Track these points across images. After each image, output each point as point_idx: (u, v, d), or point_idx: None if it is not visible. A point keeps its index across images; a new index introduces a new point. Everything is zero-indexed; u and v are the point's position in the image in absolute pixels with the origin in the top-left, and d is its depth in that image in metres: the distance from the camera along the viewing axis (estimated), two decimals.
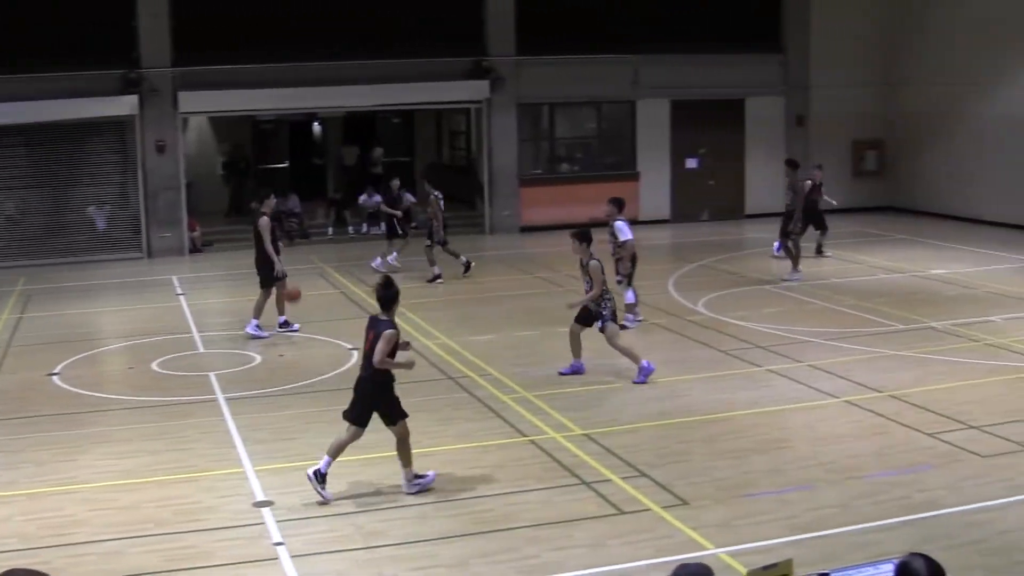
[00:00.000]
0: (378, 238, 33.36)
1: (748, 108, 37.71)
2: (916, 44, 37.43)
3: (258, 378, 18.55)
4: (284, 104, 33.96)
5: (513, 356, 19.72)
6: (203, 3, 32.18)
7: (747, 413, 16.19)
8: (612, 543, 11.66)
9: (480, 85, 34.44)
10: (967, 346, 19.83)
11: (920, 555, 6.47)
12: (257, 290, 22.04)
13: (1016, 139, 33.19)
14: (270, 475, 13.83)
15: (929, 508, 12.46)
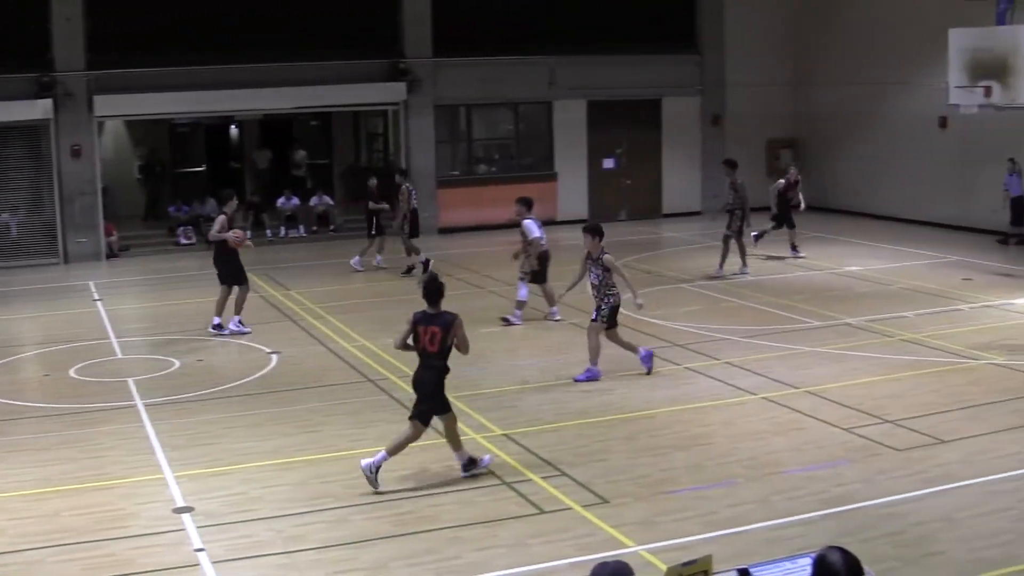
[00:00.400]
0: (296, 240, 33.27)
1: (664, 108, 37.92)
2: (828, 45, 37.86)
3: (177, 383, 18.40)
4: (200, 107, 33.71)
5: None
6: (118, 6, 31.85)
7: (667, 411, 16.28)
8: (533, 543, 11.68)
9: (397, 87, 34.38)
10: (882, 342, 20.06)
11: (837, 548, 6.54)
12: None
13: (926, 138, 33.66)
14: (190, 481, 13.72)
15: (846, 502, 12.59)
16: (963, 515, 12.14)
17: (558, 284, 21.25)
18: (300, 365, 19.39)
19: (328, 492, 13.23)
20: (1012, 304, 23.01)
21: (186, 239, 33.35)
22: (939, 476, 13.34)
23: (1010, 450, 14.21)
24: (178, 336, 21.80)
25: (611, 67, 36.58)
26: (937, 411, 15.93)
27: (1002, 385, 17.14)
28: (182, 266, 30.41)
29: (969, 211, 32.77)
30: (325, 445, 15.00)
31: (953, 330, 20.80)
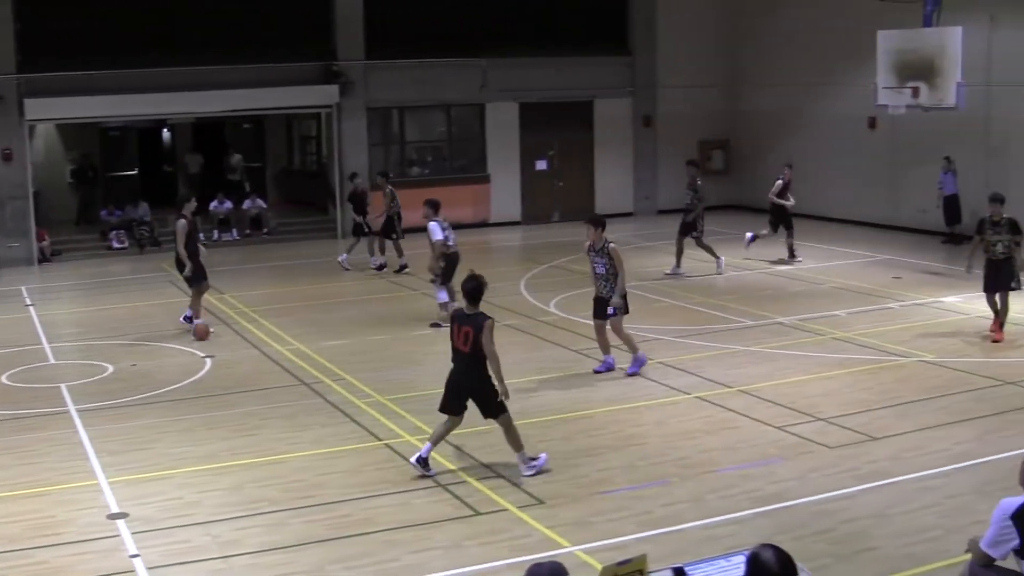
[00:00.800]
0: (229, 244, 33.13)
1: (596, 109, 38.05)
2: (760, 47, 38.16)
3: (111, 389, 18.27)
4: (132, 111, 33.47)
5: (365, 360, 19.68)
6: (49, 9, 31.59)
7: (601, 411, 16.35)
8: (469, 544, 11.71)
9: (330, 90, 34.29)
10: (814, 340, 20.25)
11: (770, 546, 6.61)
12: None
13: (856, 138, 34.01)
14: (124, 486, 13.63)
15: (780, 500, 12.72)
16: (894, 511, 12.28)
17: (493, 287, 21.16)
18: (234, 369, 19.32)
19: (264, 496, 13.19)
20: (941, 302, 23.29)
21: (119, 243, 33.11)
22: (870, 473, 13.50)
23: (939, 447, 14.40)
24: (112, 341, 21.65)
25: (543, 69, 36.67)
26: (868, 408, 16.12)
27: (931, 382, 17.36)
28: (115, 270, 30.21)
29: (898, 210, 33.15)
30: (261, 449, 14.95)
31: (884, 328, 21.03)
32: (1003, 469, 12.85)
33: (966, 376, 17.66)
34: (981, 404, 16.21)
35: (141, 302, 25.30)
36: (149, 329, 22.36)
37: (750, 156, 38.94)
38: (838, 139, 34.59)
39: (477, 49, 35.86)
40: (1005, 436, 14.74)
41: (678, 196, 37.16)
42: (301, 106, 35.81)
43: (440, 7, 35.71)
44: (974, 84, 27.99)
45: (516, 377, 17.94)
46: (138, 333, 22.14)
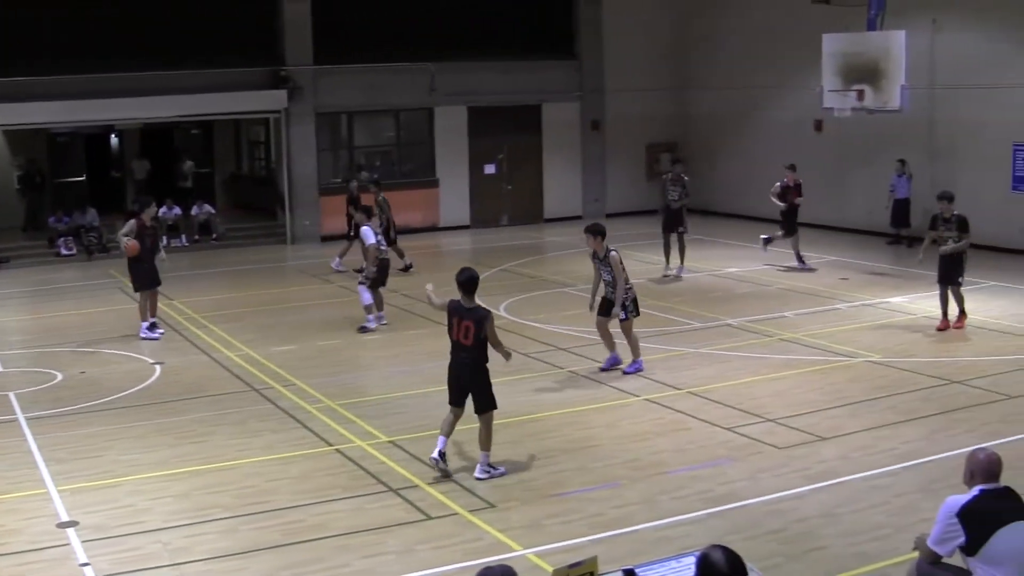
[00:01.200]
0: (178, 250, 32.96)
1: (544, 113, 38.13)
2: (707, 50, 38.37)
3: (59, 396, 18.15)
4: (79, 116, 33.24)
5: (315, 365, 19.65)
6: None
7: (551, 414, 16.40)
8: (421, 548, 11.72)
9: (278, 95, 34.20)
10: (762, 342, 20.39)
11: (719, 547, 6.68)
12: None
13: (803, 140, 34.24)
14: (74, 494, 13.56)
15: (730, 500, 12.80)
16: (843, 510, 12.40)
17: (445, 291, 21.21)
18: (184, 375, 19.24)
19: (215, 503, 13.16)
20: (888, 302, 23.50)
21: (67, 250, 32.89)
22: (820, 473, 13.61)
23: (887, 446, 14.54)
24: (60, 348, 21.52)
25: (491, 73, 36.75)
26: (817, 409, 16.25)
27: (879, 382, 17.52)
28: (63, 277, 30.00)
29: (845, 212, 33.40)
30: (211, 455, 14.91)
31: (831, 329, 21.20)
32: (949, 467, 12.99)
33: (913, 376, 17.83)
34: (928, 403, 16.38)
35: (90, 309, 25.14)
36: (98, 336, 22.23)
37: (698, 159, 39.08)
38: (785, 142, 34.80)
39: (425, 54, 35.86)
40: (951, 435, 14.90)
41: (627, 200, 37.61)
42: (249, 111, 35.68)
43: (388, 12, 35.68)
44: (918, 87, 28.29)
45: None
46: (87, 340, 22.01)
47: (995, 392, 16.86)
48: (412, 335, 21.71)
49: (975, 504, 8.64)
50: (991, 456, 8.90)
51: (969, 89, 29.59)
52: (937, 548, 8.73)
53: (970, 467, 8.91)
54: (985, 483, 8.79)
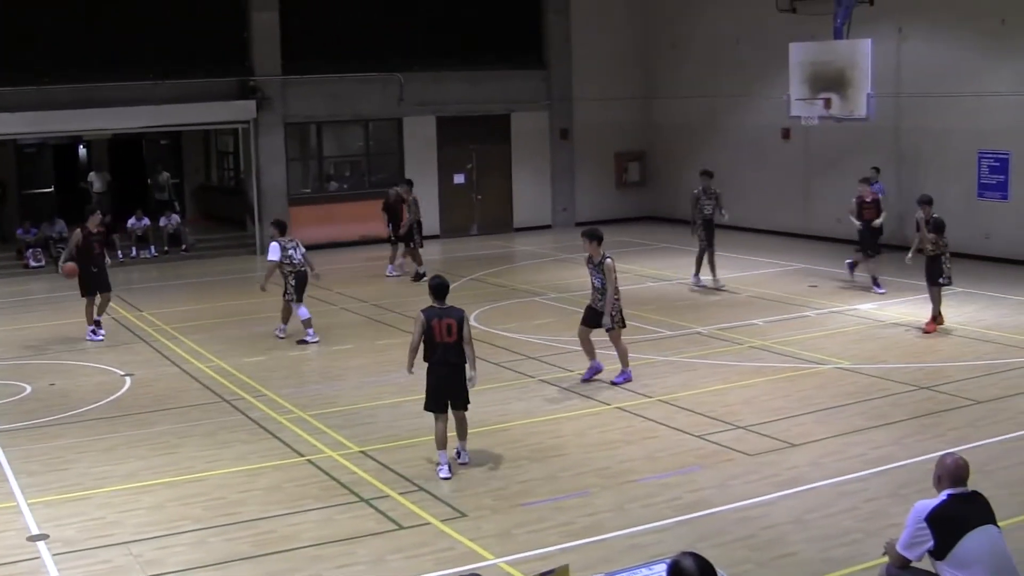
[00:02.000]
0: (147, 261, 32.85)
1: (513, 123, 38.20)
2: (674, 59, 38.51)
3: (29, 408, 18.06)
4: (46, 127, 33.07)
5: (286, 376, 19.63)
6: None
7: (521, 423, 16.42)
8: (393, 558, 11.72)
9: (247, 105, 34.16)
10: (732, 349, 20.46)
11: (690, 553, 6.72)
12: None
13: (770, 149, 34.42)
14: (44, 507, 13.50)
15: (700, 507, 12.84)
16: (813, 516, 12.46)
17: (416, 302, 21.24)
18: (154, 387, 19.18)
19: (186, 515, 13.13)
20: (856, 309, 23.61)
21: (35, 261, 32.75)
22: (789, 479, 13.68)
23: (856, 452, 14.61)
24: (29, 360, 21.43)
25: (460, 83, 36.82)
26: (787, 415, 16.32)
27: (848, 388, 17.61)
28: (32, 289, 29.90)
29: (812, 220, 33.54)
30: (182, 467, 14.87)
31: (800, 336, 21.29)
32: (919, 472, 13.08)
33: (881, 382, 17.92)
34: (897, 409, 16.46)
35: (59, 320, 25.02)
36: (67, 348, 22.16)
37: (666, 168, 39.27)
38: (752, 150, 34.97)
39: (394, 64, 35.92)
40: (920, 440, 14.99)
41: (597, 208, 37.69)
42: (218, 122, 35.66)
43: (356, 22, 35.70)
44: (884, 95, 28.47)
45: None
46: (56, 352, 21.94)
47: (963, 397, 16.95)
48: (382, 344, 21.71)
49: (943, 509, 8.71)
50: (958, 461, 8.97)
51: (935, 97, 29.76)
52: (906, 552, 8.79)
53: (938, 472, 8.99)
54: (953, 487, 8.85)
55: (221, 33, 34.60)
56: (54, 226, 33.77)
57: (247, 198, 35.86)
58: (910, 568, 8.92)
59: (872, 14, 29.05)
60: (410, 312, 21.85)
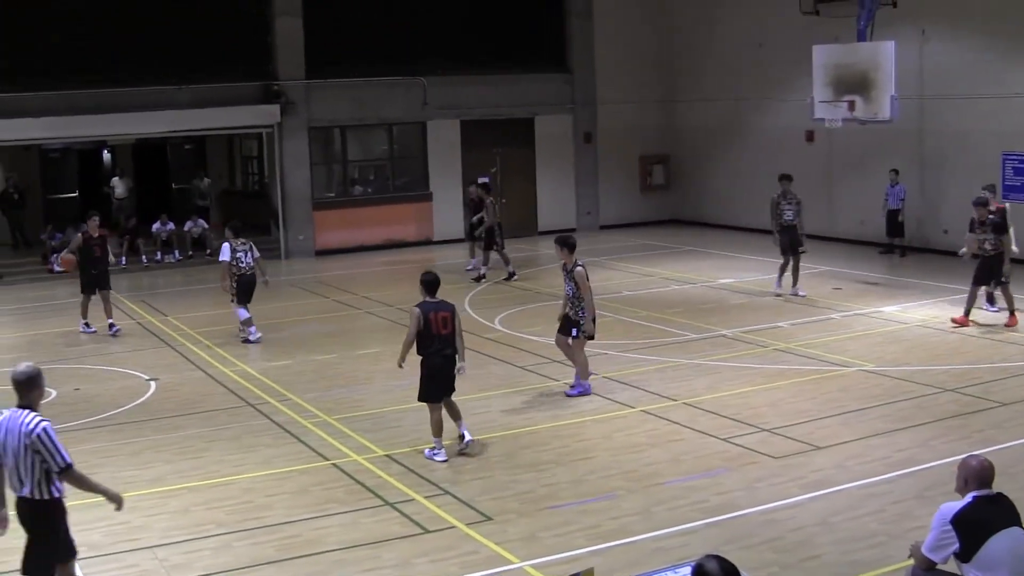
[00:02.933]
0: (171, 266, 32.90)
1: (537, 126, 38.20)
2: (698, 62, 38.47)
3: (54, 413, 17.95)
4: (70, 132, 33.21)
5: (311, 380, 19.67)
6: None
7: (546, 427, 16.41)
8: (419, 562, 11.74)
9: (271, 109, 34.24)
10: (757, 352, 20.43)
11: (714, 556, 6.72)
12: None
13: (794, 151, 34.29)
14: (70, 512, 13.46)
15: (726, 510, 12.83)
16: (838, 519, 12.44)
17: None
18: (179, 391, 19.24)
19: (212, 519, 13.17)
20: (880, 312, 23.55)
21: (60, 266, 32.80)
22: (815, 482, 13.66)
23: (881, 454, 14.58)
24: (55, 365, 21.46)
25: (483, 86, 36.87)
26: (812, 418, 16.29)
27: (873, 391, 17.58)
28: (56, 293, 29.97)
29: (836, 222, 33.46)
30: (207, 471, 14.92)
31: (825, 338, 21.25)
32: (943, 475, 13.03)
33: (906, 384, 17.88)
34: (921, 411, 16.43)
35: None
36: (92, 352, 22.25)
37: (691, 171, 39.25)
38: (776, 152, 34.89)
39: (418, 67, 35.96)
40: (945, 442, 14.95)
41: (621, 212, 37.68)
42: (242, 126, 35.69)
43: (380, 26, 35.78)
44: (907, 97, 28.38)
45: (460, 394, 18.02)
46: (80, 356, 22.02)
47: (988, 399, 16.91)
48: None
49: (969, 511, 8.69)
50: (983, 463, 8.94)
51: (958, 99, 29.68)
52: (932, 555, 8.77)
53: (963, 474, 8.96)
54: (978, 490, 8.83)
55: (245, 38, 34.72)
56: (79, 231, 33.83)
57: (271, 202, 35.93)
58: (936, 571, 8.90)
59: (895, 16, 29.01)
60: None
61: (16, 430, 9.75)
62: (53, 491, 9.88)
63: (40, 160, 38.07)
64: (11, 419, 9.85)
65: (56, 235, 33.90)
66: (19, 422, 9.79)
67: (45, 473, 9.77)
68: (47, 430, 9.79)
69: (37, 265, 33.58)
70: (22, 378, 10.01)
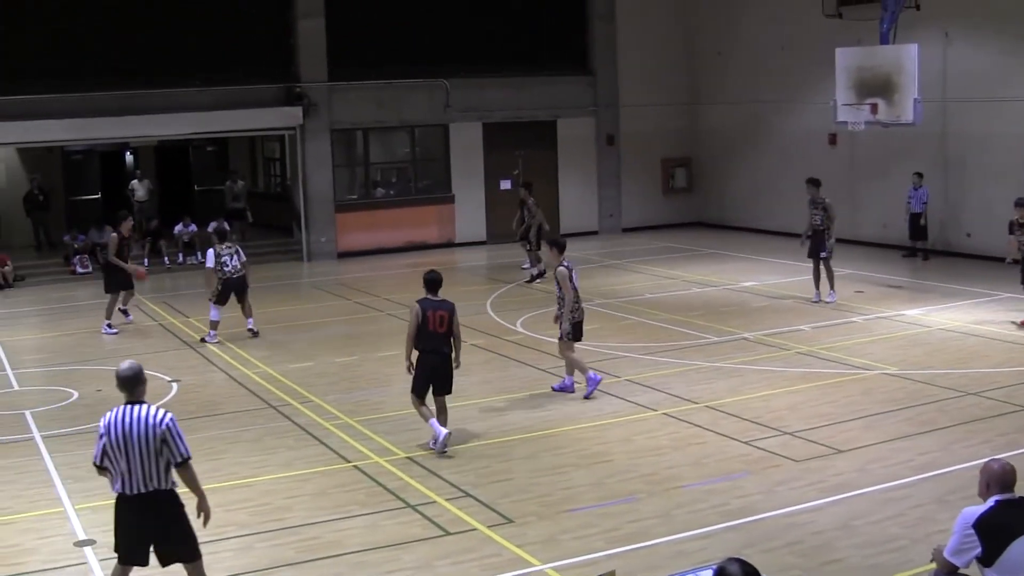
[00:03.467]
0: (193, 267, 32.93)
1: (559, 129, 38.18)
2: (720, 64, 38.42)
3: (76, 415, 18.17)
4: (93, 134, 33.31)
5: (332, 382, 19.69)
6: (7, 32, 31.59)
7: (567, 429, 16.40)
8: (439, 564, 11.73)
9: (293, 111, 34.30)
10: (778, 355, 20.38)
11: (735, 559, 6.70)
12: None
13: (817, 154, 34.21)
14: (92, 513, 13.56)
15: (747, 514, 12.80)
16: (859, 523, 12.39)
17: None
18: (200, 393, 19.28)
19: (232, 520, 13.16)
20: (903, 315, 23.48)
21: (82, 268, 32.97)
22: (836, 485, 13.62)
23: (902, 458, 14.54)
24: (76, 366, 21.57)
25: (506, 89, 36.88)
26: (833, 421, 16.25)
27: (895, 394, 17.52)
28: (79, 295, 30.05)
29: (859, 225, 33.34)
30: (228, 473, 14.92)
31: (847, 341, 21.19)
32: (965, 479, 12.98)
33: (928, 388, 17.83)
34: (943, 415, 16.38)
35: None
36: (115, 354, 22.29)
37: (713, 173, 39.20)
38: (799, 155, 34.82)
39: (440, 70, 35.99)
40: (967, 446, 14.90)
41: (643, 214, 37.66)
42: (265, 128, 35.78)
43: (403, 28, 35.84)
44: (930, 100, 28.28)
45: (481, 396, 18.09)
46: (103, 358, 22.06)
47: (1011, 403, 16.84)
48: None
49: (991, 515, 8.65)
50: (1006, 466, 8.90)
51: (981, 102, 29.58)
52: (954, 559, 8.73)
53: (985, 478, 8.92)
54: (1000, 493, 8.79)
55: (267, 40, 34.80)
56: (102, 233, 33.93)
57: (293, 204, 36.01)
58: (958, 575, 8.87)
59: (918, 19, 28.91)
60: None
61: (140, 425, 9.89)
62: (172, 482, 10.04)
63: (63, 162, 38.20)
64: (126, 415, 9.97)
65: (79, 237, 34.01)
66: (142, 417, 9.93)
67: (165, 465, 9.91)
68: (174, 420, 10.03)
69: (60, 266, 33.68)
70: (129, 374, 10.19)
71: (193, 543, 10.27)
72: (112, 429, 9.88)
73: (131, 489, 9.87)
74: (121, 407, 10.02)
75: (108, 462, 9.95)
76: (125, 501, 9.96)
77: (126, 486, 9.87)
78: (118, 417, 9.92)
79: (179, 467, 9.91)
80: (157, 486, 9.89)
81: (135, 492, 9.87)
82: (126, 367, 10.22)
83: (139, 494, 9.87)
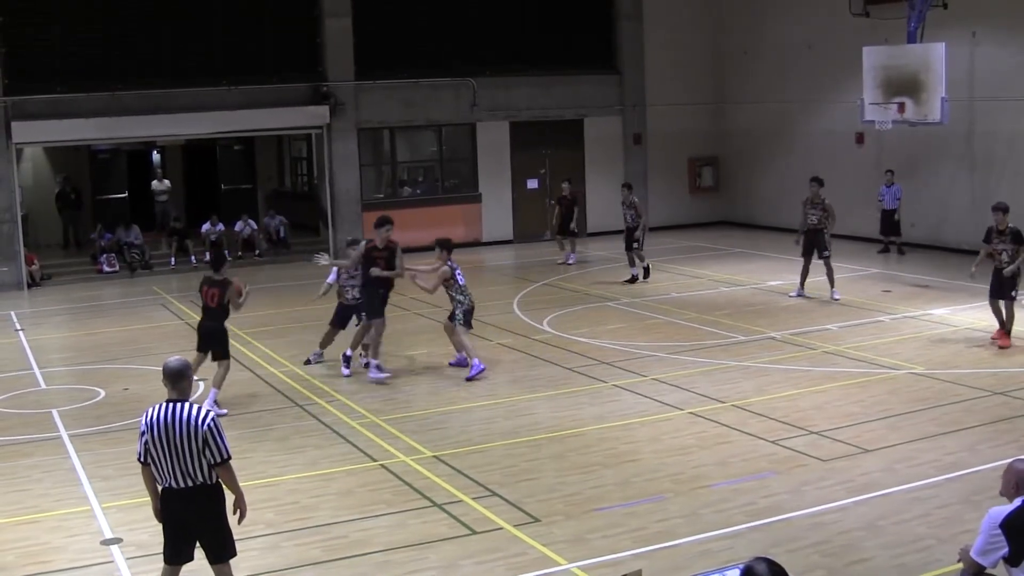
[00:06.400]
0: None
1: (586, 128, 38.19)
2: (747, 64, 38.35)
3: (102, 413, 18.23)
4: (120, 133, 33.38)
5: (359, 381, 19.71)
6: (36, 31, 31.75)
7: (594, 428, 16.39)
8: (465, 563, 11.74)
9: (320, 111, 34.36)
10: (806, 354, 20.34)
11: (763, 559, 6.69)
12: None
13: (844, 154, 34.15)
14: (118, 511, 13.62)
15: (774, 513, 12.78)
16: (886, 522, 12.36)
17: (487, 305, 21.28)
18: (227, 391, 19.21)
19: (258, 519, 13.13)
20: (930, 314, 23.40)
21: (109, 267, 33.08)
22: (862, 485, 13.59)
23: (929, 457, 14.50)
24: (103, 365, 21.65)
25: (533, 88, 36.91)
26: (860, 421, 16.21)
27: (922, 394, 17.47)
28: (106, 294, 30.20)
29: None
30: (254, 471, 14.92)
31: (874, 341, 21.13)
32: (992, 479, 12.88)
33: (955, 387, 17.77)
34: (970, 415, 16.32)
35: (132, 326, 25.30)
36: (141, 353, 22.37)
37: (740, 173, 39.13)
38: (826, 155, 34.72)
39: (467, 69, 36.02)
40: (994, 446, 14.84)
41: (670, 214, 37.60)
42: (291, 127, 35.87)
43: (429, 27, 35.90)
44: (958, 99, 28.17)
45: (509, 396, 18.09)
46: (130, 357, 22.15)
47: None
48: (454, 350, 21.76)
49: (1018, 515, 8.62)
50: None
51: (1009, 101, 29.44)
52: (981, 559, 8.71)
53: (1012, 478, 8.88)
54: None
55: (294, 39, 34.87)
56: (129, 232, 34.08)
57: (320, 203, 36.07)
58: (985, 575, 8.84)
59: (945, 18, 28.77)
60: (485, 318, 21.95)
61: (182, 425, 9.88)
62: (216, 478, 10.05)
63: (89, 160, 38.35)
64: (168, 413, 9.98)
65: (106, 235, 34.14)
66: (183, 416, 9.92)
67: (208, 463, 9.91)
68: (216, 419, 9.99)
69: (87, 265, 33.80)
70: (177, 368, 10.23)
71: (229, 544, 10.28)
72: (154, 427, 9.89)
73: (175, 483, 9.88)
74: (163, 405, 9.99)
75: (151, 459, 9.95)
76: (169, 495, 9.99)
77: (169, 481, 9.90)
78: (160, 415, 9.91)
79: (218, 467, 9.91)
80: (201, 481, 9.89)
81: (179, 487, 9.88)
82: (174, 361, 10.27)
83: (183, 488, 9.87)
